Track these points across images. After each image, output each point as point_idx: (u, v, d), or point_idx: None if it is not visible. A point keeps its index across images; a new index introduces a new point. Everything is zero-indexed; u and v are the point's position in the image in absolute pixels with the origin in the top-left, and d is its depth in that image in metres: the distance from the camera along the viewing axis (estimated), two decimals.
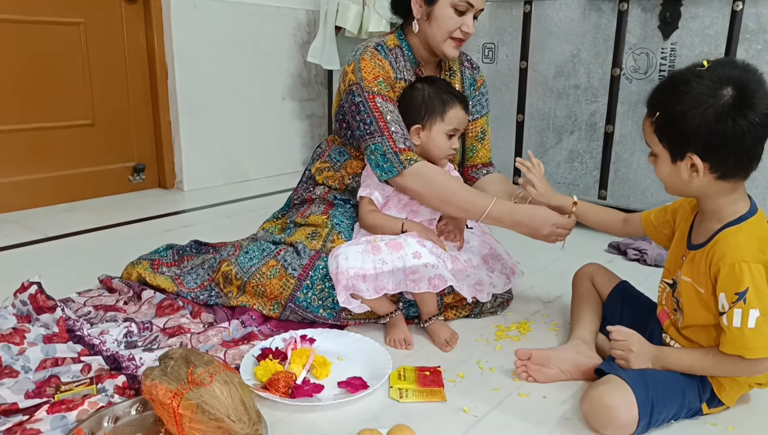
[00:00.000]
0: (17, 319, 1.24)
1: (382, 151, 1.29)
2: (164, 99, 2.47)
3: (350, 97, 1.34)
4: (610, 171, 2.05)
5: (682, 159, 0.91)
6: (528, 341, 1.29)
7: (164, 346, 1.19)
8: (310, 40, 2.82)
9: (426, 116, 1.33)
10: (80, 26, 2.24)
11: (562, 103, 2.11)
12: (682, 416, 0.98)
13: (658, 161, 0.95)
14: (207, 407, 0.83)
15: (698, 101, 0.86)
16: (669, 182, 0.96)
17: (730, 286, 0.89)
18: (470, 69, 1.53)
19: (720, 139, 0.86)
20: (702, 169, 0.90)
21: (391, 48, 1.40)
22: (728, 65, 0.88)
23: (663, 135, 0.92)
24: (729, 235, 0.91)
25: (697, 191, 0.95)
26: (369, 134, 1.31)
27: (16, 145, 2.16)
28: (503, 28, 2.19)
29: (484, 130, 1.55)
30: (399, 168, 1.28)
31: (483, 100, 1.54)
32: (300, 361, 1.11)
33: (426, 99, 1.33)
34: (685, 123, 0.88)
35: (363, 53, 1.36)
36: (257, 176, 2.83)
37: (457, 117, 1.33)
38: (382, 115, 1.30)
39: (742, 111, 0.85)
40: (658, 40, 1.88)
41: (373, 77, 1.33)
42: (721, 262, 0.90)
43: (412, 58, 1.42)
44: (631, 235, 1.21)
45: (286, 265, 1.30)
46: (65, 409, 0.95)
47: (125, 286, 1.44)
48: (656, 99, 0.94)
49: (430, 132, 1.34)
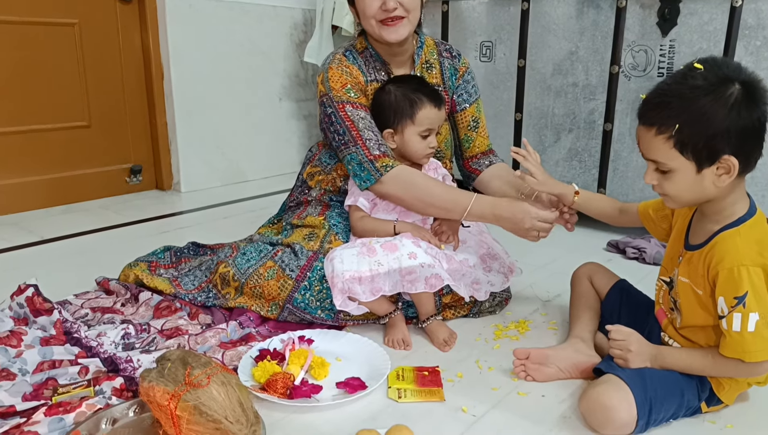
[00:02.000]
0: (14, 322, 1.24)
1: (358, 161, 1.29)
2: (160, 100, 2.46)
3: (323, 109, 1.34)
4: (609, 169, 2.05)
5: (712, 163, 0.87)
6: (527, 340, 1.28)
7: (162, 347, 1.18)
8: (307, 39, 2.81)
9: (396, 120, 1.31)
10: (75, 27, 2.23)
11: (561, 102, 2.11)
12: (681, 415, 0.98)
13: (674, 176, 0.90)
14: (204, 408, 0.83)
15: (717, 102, 0.85)
16: (685, 194, 0.91)
17: (729, 290, 0.88)
18: (449, 58, 1.48)
19: (746, 133, 0.86)
20: (736, 167, 0.87)
21: (361, 51, 1.39)
22: (722, 65, 0.88)
23: (687, 146, 0.87)
24: (727, 238, 0.91)
25: (715, 194, 0.91)
26: (344, 144, 1.31)
27: (12, 147, 2.15)
28: (501, 26, 2.18)
29: (477, 118, 1.50)
30: (376, 175, 1.27)
31: (469, 88, 1.49)
32: (298, 361, 1.10)
33: (394, 102, 1.31)
34: (709, 127, 0.85)
35: (330, 62, 1.35)
36: (254, 177, 2.83)
37: (428, 117, 1.31)
38: (353, 123, 1.29)
39: (754, 103, 0.85)
40: (656, 37, 1.87)
41: (341, 85, 1.31)
42: (719, 265, 0.90)
43: (380, 58, 1.40)
44: (628, 225, 1.19)
45: (284, 266, 1.29)
46: (63, 412, 0.94)
47: (122, 288, 1.43)
48: (664, 113, 0.88)
49: (403, 135, 1.33)
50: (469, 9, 2.24)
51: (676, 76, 0.89)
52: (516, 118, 2.22)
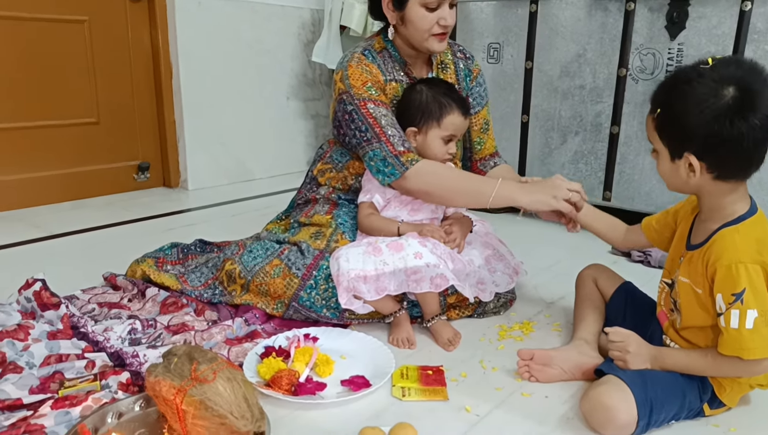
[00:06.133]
0: (22, 316, 1.25)
1: (382, 157, 1.29)
2: (169, 98, 2.48)
3: (342, 106, 1.33)
4: (615, 172, 2.04)
5: (680, 157, 0.91)
6: (531, 341, 1.28)
7: (168, 343, 1.19)
8: (315, 39, 2.82)
9: (422, 120, 1.32)
10: (84, 24, 2.25)
11: (568, 104, 2.11)
12: (682, 417, 0.98)
13: (660, 158, 0.95)
14: (210, 403, 0.83)
15: (698, 100, 0.85)
16: (668, 179, 0.96)
17: (727, 287, 0.89)
18: (464, 60, 1.49)
19: (717, 140, 0.85)
20: (699, 168, 0.89)
21: (379, 51, 1.39)
22: (733, 64, 0.87)
23: (663, 132, 0.92)
24: (726, 236, 0.91)
25: (696, 189, 0.95)
26: (366, 141, 1.30)
27: (22, 143, 2.17)
28: (508, 27, 2.18)
29: (487, 121, 1.53)
30: (401, 170, 1.28)
31: (481, 91, 1.51)
32: (303, 359, 1.11)
33: (423, 102, 1.31)
34: (683, 122, 0.88)
35: (350, 60, 1.35)
36: (261, 176, 2.84)
37: (454, 123, 1.32)
38: (376, 120, 1.29)
39: (742, 113, 0.83)
40: (665, 40, 1.87)
41: (362, 83, 1.32)
42: (717, 262, 0.90)
43: (399, 59, 1.40)
44: (634, 245, 1.20)
45: (290, 264, 1.30)
46: (69, 405, 0.95)
47: (130, 283, 1.45)
48: (659, 96, 0.93)
49: (426, 136, 1.33)
50: (477, 10, 2.25)
51: (687, 67, 0.92)
52: (522, 120, 2.22)
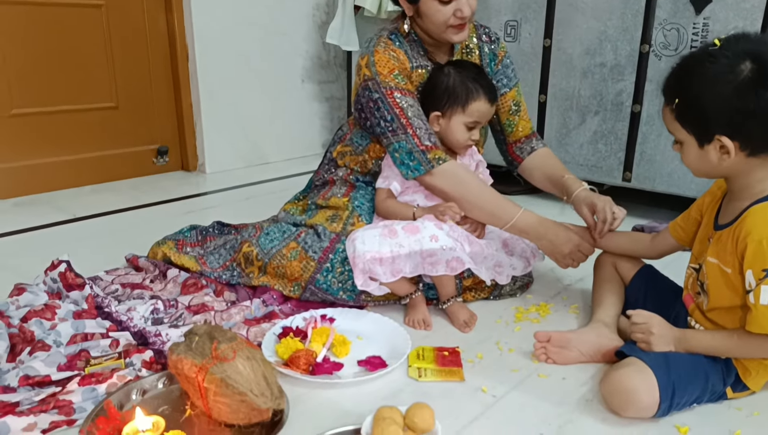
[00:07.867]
0: (48, 296, 1.29)
1: (408, 150, 1.27)
2: (185, 81, 2.49)
3: (367, 93, 1.31)
4: (636, 152, 2.00)
5: (709, 142, 0.89)
6: (548, 323, 1.28)
7: (189, 322, 1.22)
8: (329, 20, 2.79)
9: (447, 104, 1.30)
10: (102, 9, 2.26)
11: (587, 83, 2.06)
12: (705, 400, 0.97)
13: (684, 148, 0.93)
14: (231, 381, 0.85)
15: (716, 80, 0.84)
16: (697, 166, 0.94)
17: (758, 262, 0.87)
18: (489, 43, 1.46)
19: (744, 115, 0.84)
20: (733, 149, 0.87)
21: (405, 35, 1.36)
22: (741, 39, 0.85)
23: (685, 121, 0.90)
24: (757, 211, 0.89)
25: (727, 171, 0.92)
26: (392, 132, 1.29)
27: (44, 128, 2.20)
28: (527, 4, 2.13)
29: (518, 102, 1.49)
30: (427, 167, 1.27)
31: (509, 72, 1.48)
32: (320, 339, 1.12)
33: (450, 86, 1.29)
34: (705, 105, 0.86)
35: (376, 45, 1.32)
36: (277, 159, 2.84)
37: (479, 110, 1.30)
38: (403, 111, 1.27)
39: (764, 83, 0.82)
40: (689, 14, 1.80)
41: (389, 71, 1.29)
42: (748, 238, 0.88)
43: (422, 45, 1.38)
44: (663, 251, 1.17)
45: (307, 247, 1.31)
46: (95, 382, 0.98)
47: (151, 265, 1.47)
48: (672, 85, 0.91)
49: (449, 121, 1.31)
50: None
51: (695, 51, 0.90)
52: (540, 100, 2.18)
